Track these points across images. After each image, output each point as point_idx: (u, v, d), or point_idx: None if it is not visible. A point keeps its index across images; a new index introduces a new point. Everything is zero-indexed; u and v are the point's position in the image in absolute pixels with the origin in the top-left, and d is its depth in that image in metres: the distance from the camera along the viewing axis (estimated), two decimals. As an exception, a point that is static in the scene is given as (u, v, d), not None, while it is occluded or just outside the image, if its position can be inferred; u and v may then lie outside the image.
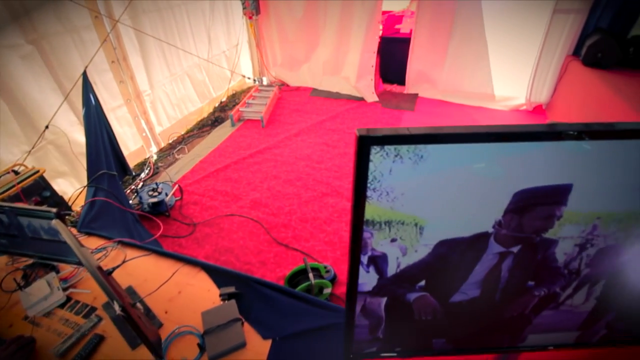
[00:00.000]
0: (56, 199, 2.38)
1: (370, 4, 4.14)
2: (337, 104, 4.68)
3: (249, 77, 5.47)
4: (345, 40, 4.57)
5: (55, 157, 2.76)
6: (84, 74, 2.59)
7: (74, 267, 1.61)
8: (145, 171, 3.44)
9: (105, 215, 2.14)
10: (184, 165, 3.52)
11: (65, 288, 1.54)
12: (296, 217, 2.76)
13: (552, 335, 0.84)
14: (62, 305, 1.49)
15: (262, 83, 5.45)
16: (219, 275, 1.57)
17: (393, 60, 4.79)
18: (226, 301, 1.41)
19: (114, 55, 3.12)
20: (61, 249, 1.50)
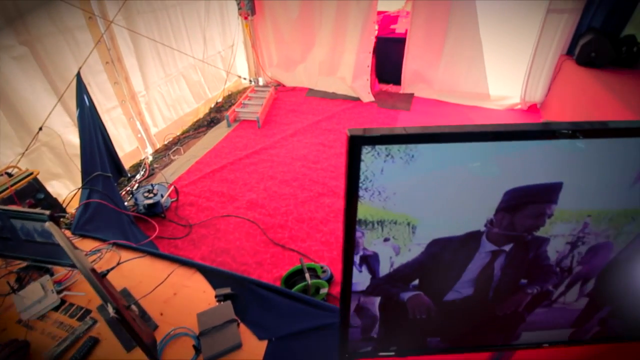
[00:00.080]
0: (50, 201, 2.36)
1: (365, 4, 4.15)
2: (333, 104, 4.68)
3: (245, 78, 5.46)
4: (341, 40, 4.57)
5: (50, 158, 2.74)
6: (78, 75, 2.57)
7: (68, 269, 1.60)
8: (141, 172, 3.42)
9: (99, 217, 2.13)
10: (179, 166, 3.51)
11: (60, 291, 1.53)
12: (293, 218, 2.76)
13: (545, 333, 0.84)
14: (57, 308, 1.47)
15: (258, 83, 5.45)
16: (215, 277, 1.57)
17: (389, 60, 4.81)
18: (222, 302, 1.40)
19: (108, 56, 3.10)
20: (55, 252, 1.49)
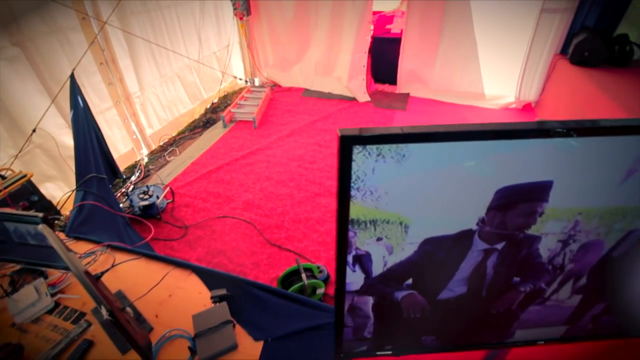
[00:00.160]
0: (44, 204, 2.34)
1: (360, 4, 4.15)
2: (329, 104, 4.69)
3: (241, 78, 5.45)
4: (336, 40, 4.58)
5: (43, 160, 2.72)
6: (72, 76, 2.55)
7: (62, 272, 1.59)
8: (136, 174, 3.40)
9: (94, 219, 2.11)
10: (175, 167, 3.49)
11: (54, 294, 1.52)
12: (289, 218, 2.76)
13: (539, 331, 0.85)
14: (51, 311, 1.46)
15: (254, 84, 5.44)
16: (210, 278, 1.57)
17: (384, 60, 4.81)
18: (217, 303, 1.40)
19: (103, 57, 3.09)
20: (49, 254, 1.48)
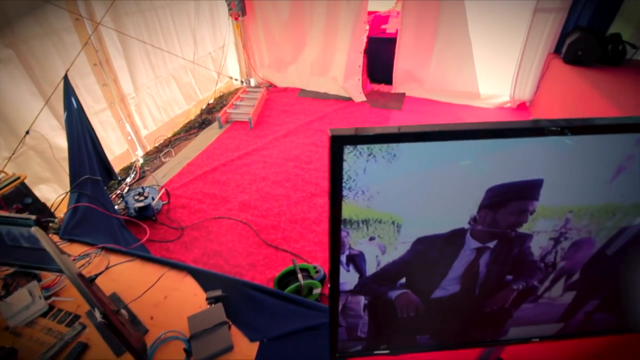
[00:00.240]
0: (38, 206, 2.32)
1: (355, 4, 4.16)
2: (325, 105, 4.69)
3: (236, 79, 5.44)
4: (332, 40, 4.58)
5: (37, 162, 2.69)
6: (65, 77, 2.53)
7: (56, 275, 1.57)
8: (131, 175, 3.38)
9: (89, 221, 2.10)
10: (171, 168, 3.47)
11: (48, 296, 1.50)
12: (285, 218, 2.75)
13: (533, 328, 0.85)
14: (45, 314, 1.45)
15: (250, 84, 5.43)
16: (206, 279, 1.56)
17: (380, 60, 4.82)
18: (213, 305, 1.39)
19: (96, 58, 3.07)
20: (42, 257, 1.46)
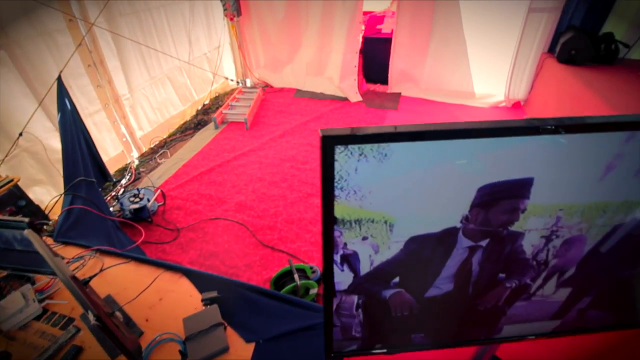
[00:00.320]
0: (32, 208, 2.30)
1: (351, 4, 4.16)
2: (321, 105, 4.69)
3: (232, 79, 5.42)
4: (327, 40, 4.58)
5: (31, 164, 2.67)
6: (59, 78, 2.51)
7: (50, 277, 1.56)
8: (127, 177, 3.37)
9: (83, 223, 2.08)
10: (166, 169, 3.46)
11: (42, 299, 1.49)
12: (282, 219, 2.75)
13: (527, 326, 0.86)
14: (39, 317, 1.43)
15: (246, 85, 5.42)
16: (201, 280, 1.55)
17: (376, 60, 4.83)
18: (208, 306, 1.39)
19: (90, 59, 3.05)
20: (36, 260, 1.45)
